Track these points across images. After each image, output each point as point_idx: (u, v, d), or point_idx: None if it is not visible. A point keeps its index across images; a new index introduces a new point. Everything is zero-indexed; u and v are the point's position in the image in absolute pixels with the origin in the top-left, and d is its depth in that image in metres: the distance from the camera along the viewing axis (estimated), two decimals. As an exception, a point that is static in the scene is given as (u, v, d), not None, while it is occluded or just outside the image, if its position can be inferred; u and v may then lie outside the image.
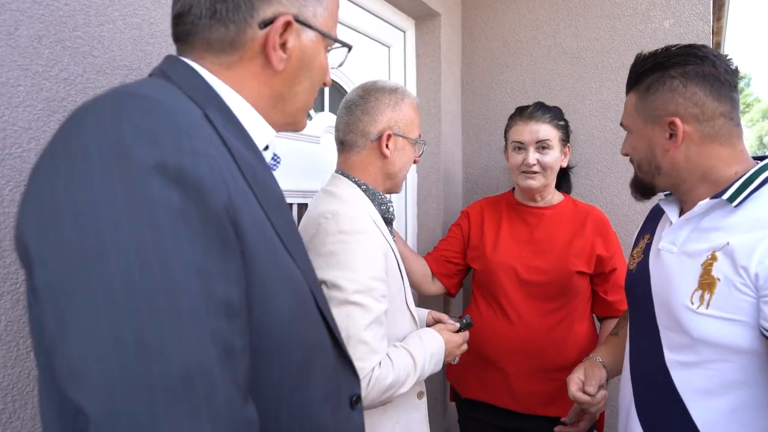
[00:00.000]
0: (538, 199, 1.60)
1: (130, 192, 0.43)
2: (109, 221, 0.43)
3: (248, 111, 0.63)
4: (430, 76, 2.02)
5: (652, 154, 0.98)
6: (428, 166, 2.01)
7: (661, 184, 1.00)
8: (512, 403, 1.50)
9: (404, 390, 1.02)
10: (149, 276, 0.42)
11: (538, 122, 1.52)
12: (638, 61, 1.01)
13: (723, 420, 0.86)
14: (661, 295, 0.97)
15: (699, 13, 1.69)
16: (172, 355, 0.42)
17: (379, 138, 1.15)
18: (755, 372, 0.84)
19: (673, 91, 0.93)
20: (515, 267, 1.53)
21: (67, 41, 0.84)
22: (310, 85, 0.69)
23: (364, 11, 1.78)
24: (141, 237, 0.43)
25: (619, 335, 1.28)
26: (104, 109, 0.47)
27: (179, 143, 0.47)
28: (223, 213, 0.48)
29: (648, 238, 1.10)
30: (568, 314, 1.50)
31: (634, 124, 1.01)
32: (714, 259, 0.87)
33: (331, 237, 1.00)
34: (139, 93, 0.49)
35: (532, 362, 1.48)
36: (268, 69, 0.63)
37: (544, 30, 1.96)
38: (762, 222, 0.83)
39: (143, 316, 0.42)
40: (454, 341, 1.20)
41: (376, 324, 0.97)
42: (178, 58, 0.62)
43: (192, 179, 0.46)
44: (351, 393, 0.69)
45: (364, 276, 0.98)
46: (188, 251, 0.44)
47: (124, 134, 0.45)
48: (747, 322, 0.82)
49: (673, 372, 0.92)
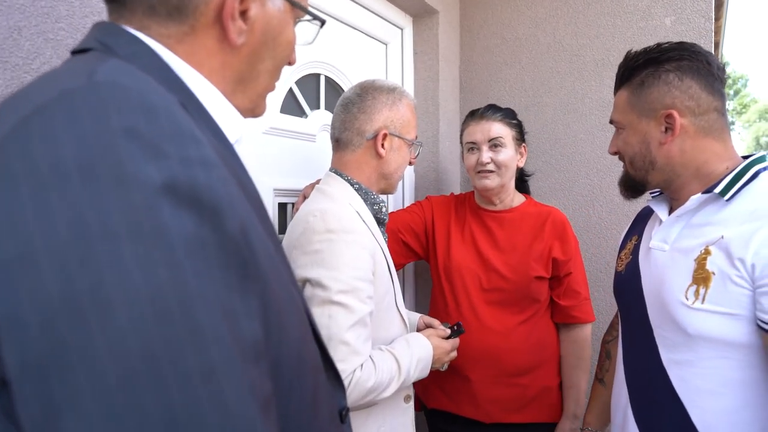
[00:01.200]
0: (497, 202, 1.56)
1: (134, 221, 0.33)
2: (109, 262, 0.32)
3: (215, 97, 0.52)
4: (428, 74, 1.99)
5: (647, 148, 0.98)
6: (425, 165, 1.98)
7: (654, 180, 1.00)
8: (476, 412, 1.47)
9: (387, 394, 1.00)
10: (171, 329, 0.33)
11: (489, 121, 1.51)
12: (629, 57, 1.02)
13: (724, 421, 0.85)
14: (654, 294, 0.97)
15: (701, 10, 1.66)
16: (212, 424, 0.33)
17: (375, 137, 1.13)
18: (754, 369, 0.83)
19: (669, 84, 0.94)
20: (475, 273, 1.51)
21: (50, 33, 0.80)
22: (274, 64, 0.58)
23: (361, 8, 1.75)
24: (156, 280, 0.33)
25: (605, 381, 1.26)
26: (77, 106, 0.35)
27: (186, 153, 0.37)
28: (240, 236, 0.39)
29: (636, 239, 1.10)
30: (528, 318, 1.48)
31: (627, 119, 1.01)
32: (708, 253, 0.87)
33: (318, 235, 0.98)
34: (121, 83, 0.38)
35: (494, 368, 1.46)
36: (225, 44, 0.52)
37: (544, 27, 1.94)
38: (756, 214, 0.84)
39: (169, 383, 0.32)
40: (442, 347, 1.17)
41: (359, 325, 0.95)
42: (120, 27, 0.48)
43: (207, 199, 0.37)
44: (340, 406, 0.64)
45: (348, 276, 0.96)
46: (211, 290, 0.35)
47: (116, 143, 0.34)
48: (744, 316, 0.82)
49: (671, 372, 0.92)
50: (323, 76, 1.63)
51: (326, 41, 1.62)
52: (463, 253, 1.54)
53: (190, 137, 0.38)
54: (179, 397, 0.32)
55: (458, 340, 1.24)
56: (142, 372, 0.32)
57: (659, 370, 0.93)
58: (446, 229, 1.61)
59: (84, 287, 0.31)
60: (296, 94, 1.54)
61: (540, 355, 1.48)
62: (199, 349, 0.34)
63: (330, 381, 0.61)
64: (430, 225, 1.63)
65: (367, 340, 0.98)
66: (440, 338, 1.19)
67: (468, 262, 1.52)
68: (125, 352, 0.31)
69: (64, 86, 0.37)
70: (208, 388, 0.33)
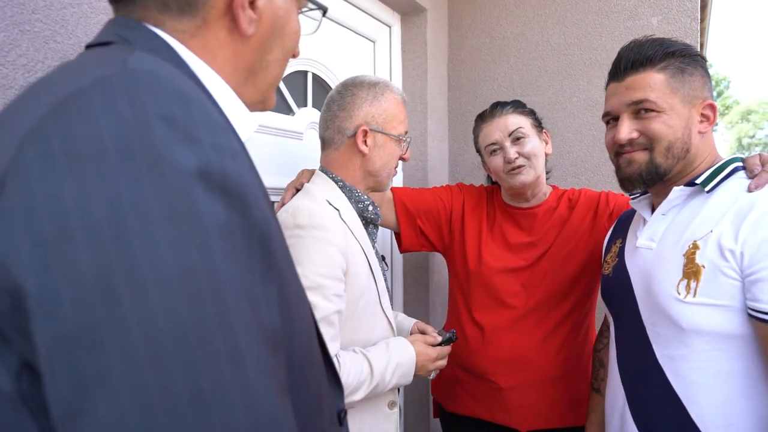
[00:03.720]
0: (530, 197, 1.44)
1: (169, 204, 0.34)
2: (143, 242, 0.33)
3: (228, 95, 0.53)
4: (416, 72, 1.98)
5: (689, 135, 0.95)
6: (414, 164, 1.97)
7: (677, 169, 0.97)
8: (509, 419, 1.37)
9: (357, 397, 0.98)
10: (201, 311, 0.33)
11: (502, 116, 1.40)
12: (660, 42, 0.97)
13: (720, 413, 0.86)
14: (645, 292, 0.97)
15: (686, 10, 1.67)
16: (236, 404, 0.34)
17: (355, 134, 1.10)
18: (748, 359, 0.84)
19: (704, 76, 0.97)
20: (508, 275, 1.41)
21: (26, 24, 0.78)
22: (282, 54, 0.59)
23: (349, 5, 1.73)
24: (188, 262, 0.34)
25: (601, 390, 1.23)
26: (115, 92, 0.36)
27: (218, 141, 0.38)
28: (264, 225, 0.40)
29: (620, 242, 1.11)
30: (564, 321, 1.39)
31: (669, 103, 0.94)
32: (696, 247, 0.88)
33: (287, 231, 0.97)
34: (154, 71, 0.39)
35: (529, 373, 1.36)
36: (236, 34, 0.53)
37: (532, 26, 1.94)
38: (740, 205, 0.85)
39: (198, 363, 0.33)
40: (427, 354, 1.13)
41: (324, 323, 0.94)
42: (138, 22, 0.49)
43: (236, 186, 0.38)
44: (338, 408, 0.64)
45: (313, 272, 0.94)
46: (239, 276, 0.36)
47: (153, 128, 0.35)
48: (735, 307, 0.83)
49: (666, 368, 0.92)
50: (311, 73, 1.61)
51: (314, 38, 1.60)
52: (495, 254, 1.43)
53: (220, 126, 0.40)
54: (207, 376, 0.33)
55: (448, 348, 1.19)
56: (172, 351, 0.32)
57: (654, 367, 0.93)
58: (478, 225, 1.48)
59: (118, 266, 0.32)
60: (283, 92, 1.52)
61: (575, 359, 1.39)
62: (227, 332, 0.34)
63: (329, 381, 0.61)
64: (458, 217, 1.51)
65: (333, 340, 0.96)
66: (427, 345, 1.14)
67: (501, 263, 1.42)
68: (156, 331, 0.32)
69: (101, 73, 0.38)
70: (234, 370, 0.34)
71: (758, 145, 22.98)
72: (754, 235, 0.81)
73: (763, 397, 0.83)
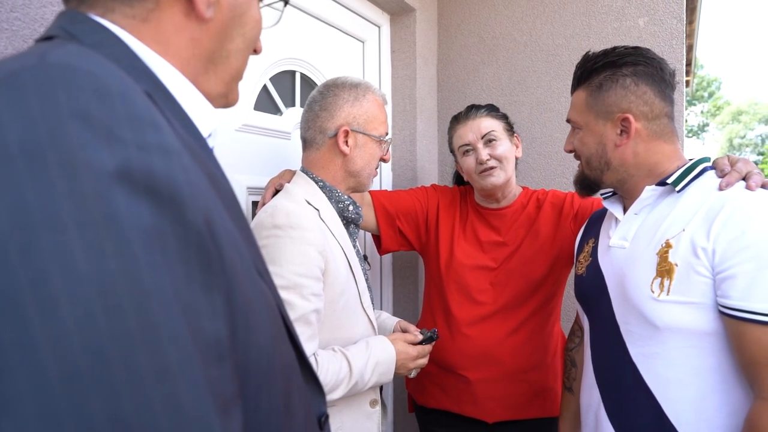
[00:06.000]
0: (500, 199, 1.50)
1: (83, 210, 0.31)
2: (53, 253, 0.29)
3: (186, 87, 0.49)
4: (406, 72, 1.98)
5: (603, 149, 1.01)
6: (403, 164, 1.97)
7: (608, 180, 1.04)
8: (478, 411, 1.43)
9: (336, 396, 0.99)
10: (122, 326, 0.30)
11: (476, 119, 1.45)
12: (588, 58, 1.05)
13: (692, 408, 0.87)
14: (618, 291, 0.98)
15: (673, 12, 1.69)
16: (164, 427, 0.31)
17: (337, 134, 1.11)
18: (719, 355, 0.86)
19: (626, 88, 0.98)
20: (479, 272, 1.46)
21: (4, 23, 0.77)
22: (244, 44, 0.55)
23: (338, 5, 1.73)
24: (106, 273, 0.30)
25: (573, 389, 1.26)
26: (24, 88, 0.33)
27: (144, 138, 0.35)
28: (203, 228, 0.37)
29: (593, 242, 1.13)
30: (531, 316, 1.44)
31: (584, 120, 1.04)
32: (669, 246, 0.90)
33: (265, 231, 0.98)
34: (74, 65, 0.36)
35: (498, 367, 1.41)
36: (192, 18, 0.49)
37: (520, 27, 1.95)
38: (711, 203, 0.87)
39: (117, 385, 0.30)
40: (407, 353, 1.14)
41: (301, 323, 0.94)
42: (84, 14, 0.45)
43: (166, 187, 0.34)
44: (319, 413, 0.61)
45: (290, 272, 0.95)
46: (169, 285, 0.33)
47: (66, 127, 0.32)
48: (707, 304, 0.85)
49: (640, 365, 0.93)
50: (299, 73, 1.61)
51: (302, 38, 1.60)
52: (467, 252, 1.49)
53: (148, 122, 0.36)
54: (128, 399, 0.30)
55: (429, 347, 1.20)
56: (88, 372, 0.29)
57: (629, 364, 0.94)
58: (451, 224, 1.54)
59: (25, 281, 0.29)
60: (271, 91, 1.52)
61: (545, 351, 1.45)
62: (153, 348, 0.31)
63: (308, 385, 0.59)
64: (434, 217, 1.56)
65: (311, 339, 0.97)
66: (407, 343, 1.15)
67: (472, 261, 1.48)
68: (69, 351, 0.29)
69: (12, 67, 0.35)
70: (161, 389, 0.31)
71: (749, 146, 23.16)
72: (725, 232, 0.82)
73: (734, 392, 0.85)
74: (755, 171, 0.91)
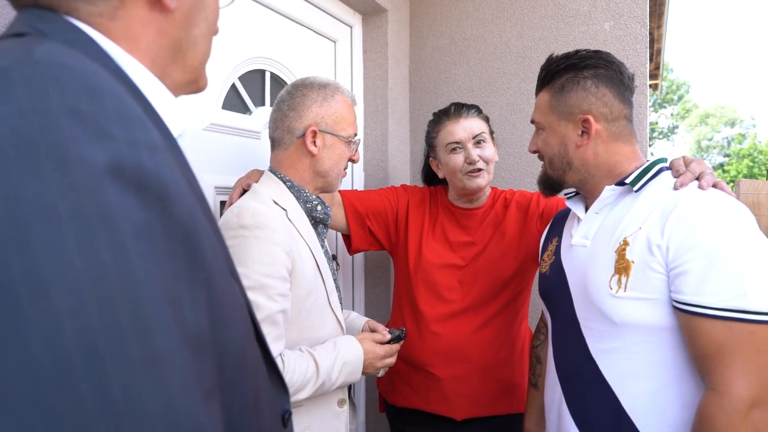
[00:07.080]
0: (475, 200, 1.51)
1: (76, 203, 0.31)
2: (47, 244, 0.30)
3: (156, 87, 0.50)
4: (377, 73, 1.98)
5: (564, 150, 1.04)
6: (375, 164, 1.98)
7: (570, 180, 1.07)
8: (448, 409, 1.44)
9: (303, 396, 0.99)
10: (113, 316, 0.31)
11: (468, 118, 1.45)
12: (551, 61, 1.08)
13: (649, 401, 0.90)
14: (579, 288, 1.01)
15: (637, 17, 1.73)
16: (153, 412, 0.32)
17: (304, 135, 1.11)
18: (674, 349, 0.88)
19: (587, 90, 1.01)
20: (447, 270, 1.47)
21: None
22: (207, 28, 0.56)
23: (309, 4, 1.72)
24: (98, 264, 0.31)
25: (539, 386, 1.28)
26: (14, 83, 0.33)
27: (133, 135, 0.36)
28: (189, 223, 0.38)
29: (557, 241, 1.16)
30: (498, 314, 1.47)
31: (547, 120, 1.07)
32: (626, 244, 0.92)
33: (232, 231, 0.97)
34: (62, 62, 0.36)
35: (466, 365, 1.43)
36: (157, 10, 0.49)
37: (491, 29, 1.97)
38: (666, 202, 0.90)
39: (108, 372, 0.30)
40: (375, 352, 1.14)
41: (267, 323, 0.94)
42: (53, 12, 0.45)
43: (154, 183, 0.36)
44: (282, 410, 0.62)
45: (256, 272, 0.95)
46: (157, 277, 0.34)
47: (58, 122, 0.32)
48: (662, 300, 0.87)
49: (600, 361, 0.95)
50: (269, 72, 1.60)
51: (272, 37, 1.59)
52: (435, 251, 1.50)
53: (136, 119, 0.37)
54: (118, 385, 0.31)
55: (397, 346, 1.21)
56: (79, 359, 0.30)
57: (589, 360, 0.97)
58: (420, 223, 1.54)
59: (18, 271, 0.30)
60: (240, 90, 1.50)
61: (511, 351, 1.47)
62: (143, 337, 0.32)
63: (273, 383, 0.59)
64: (403, 217, 1.56)
65: (277, 340, 0.97)
66: (375, 343, 1.16)
67: (440, 260, 1.48)
68: (61, 339, 0.30)
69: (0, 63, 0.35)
70: (150, 376, 0.32)
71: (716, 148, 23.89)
72: (678, 230, 0.85)
73: (687, 384, 0.88)
74: (708, 171, 0.94)
